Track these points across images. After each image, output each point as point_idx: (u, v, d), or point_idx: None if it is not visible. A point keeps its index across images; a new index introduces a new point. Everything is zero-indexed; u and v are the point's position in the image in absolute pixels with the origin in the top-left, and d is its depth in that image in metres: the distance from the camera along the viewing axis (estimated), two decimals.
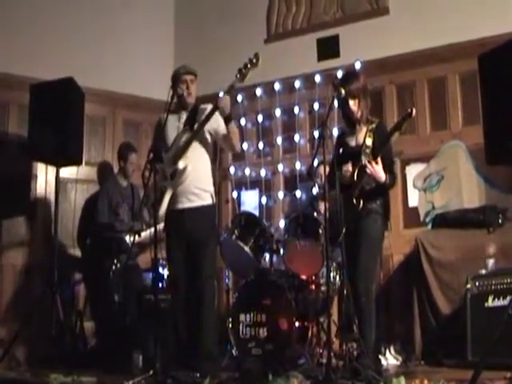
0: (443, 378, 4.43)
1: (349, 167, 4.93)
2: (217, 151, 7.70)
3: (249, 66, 5.07)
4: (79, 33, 7.46)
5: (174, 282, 5.20)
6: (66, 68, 6.49)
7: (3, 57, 6.92)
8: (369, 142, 4.89)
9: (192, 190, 5.10)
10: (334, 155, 5.03)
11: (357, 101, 4.98)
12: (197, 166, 5.12)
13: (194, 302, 5.01)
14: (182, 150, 5.09)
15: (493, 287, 5.28)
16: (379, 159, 4.77)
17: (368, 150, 4.84)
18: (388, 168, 4.85)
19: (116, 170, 6.95)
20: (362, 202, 4.84)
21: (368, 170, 4.78)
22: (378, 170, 4.76)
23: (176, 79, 5.28)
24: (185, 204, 5.09)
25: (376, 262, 5.02)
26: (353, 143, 5.05)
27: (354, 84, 4.98)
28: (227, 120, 5.07)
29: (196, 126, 5.12)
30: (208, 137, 5.20)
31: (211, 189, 5.23)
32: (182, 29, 8.41)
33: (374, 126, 4.96)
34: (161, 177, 5.07)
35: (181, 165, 5.08)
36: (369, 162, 4.78)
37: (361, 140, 4.96)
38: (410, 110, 4.63)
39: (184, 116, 5.25)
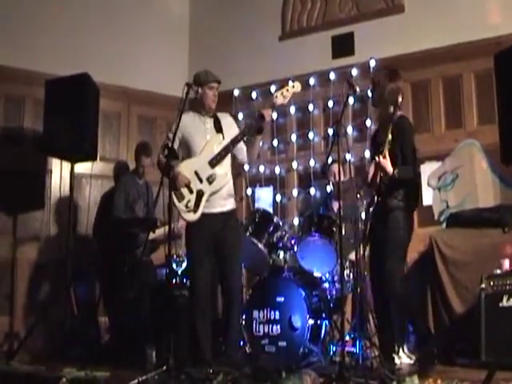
0: (457, 378, 4.39)
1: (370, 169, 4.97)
2: None
3: (288, 89, 5.19)
4: (94, 29, 7.49)
5: (199, 283, 5.14)
6: (81, 64, 6.50)
7: (18, 52, 6.94)
8: (389, 137, 4.88)
9: (224, 195, 5.20)
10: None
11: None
12: (227, 172, 5.22)
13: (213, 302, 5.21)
14: (221, 156, 5.13)
15: (507, 287, 5.21)
16: (386, 153, 4.77)
17: (388, 146, 4.84)
18: (402, 161, 4.84)
19: (131, 166, 6.98)
20: (379, 197, 4.89)
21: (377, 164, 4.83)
22: (383, 163, 4.77)
23: (203, 83, 5.25)
24: (217, 208, 5.15)
25: (400, 261, 5.00)
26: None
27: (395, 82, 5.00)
28: (260, 131, 5.21)
29: (237, 134, 5.20)
30: None
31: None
32: (196, 26, 8.41)
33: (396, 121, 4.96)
34: (194, 179, 5.09)
35: (219, 171, 5.13)
36: (378, 156, 4.81)
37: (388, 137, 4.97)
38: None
39: (208, 121, 5.28)
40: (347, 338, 5.48)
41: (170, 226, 4.93)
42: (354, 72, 7.02)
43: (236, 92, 7.76)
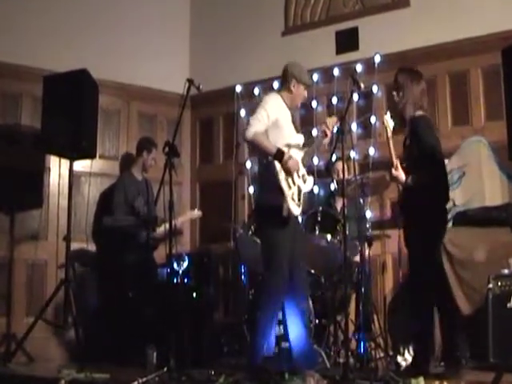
0: (463, 380, 4.35)
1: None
2: (233, 146, 7.64)
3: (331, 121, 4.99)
4: (93, 24, 7.42)
5: (284, 279, 4.77)
6: (80, 60, 6.43)
7: (16, 48, 6.87)
8: (408, 142, 4.85)
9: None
10: None
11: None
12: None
13: None
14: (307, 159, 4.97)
15: None
16: (397, 163, 4.73)
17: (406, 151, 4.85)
18: (421, 163, 4.73)
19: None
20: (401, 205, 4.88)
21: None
22: (395, 175, 4.74)
23: (301, 80, 5.00)
24: (299, 212, 4.85)
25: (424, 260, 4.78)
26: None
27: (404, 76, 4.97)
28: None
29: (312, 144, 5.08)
30: None
31: None
32: (197, 21, 8.35)
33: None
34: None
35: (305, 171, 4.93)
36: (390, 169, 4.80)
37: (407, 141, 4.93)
38: None
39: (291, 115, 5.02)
40: (351, 338, 5.42)
41: (171, 224, 4.88)
42: (359, 68, 6.94)
43: (238, 88, 7.67)
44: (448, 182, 4.92)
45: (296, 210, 4.73)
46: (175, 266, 6.11)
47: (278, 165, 4.65)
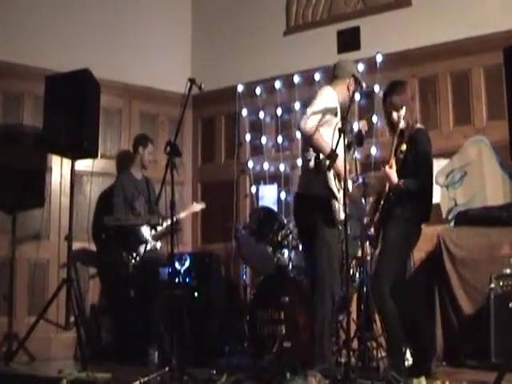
0: (465, 380, 4.36)
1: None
2: (235, 145, 7.64)
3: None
4: (95, 24, 7.40)
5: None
6: (82, 59, 6.43)
7: (17, 48, 6.86)
8: (403, 147, 4.74)
9: None
10: None
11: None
12: None
13: None
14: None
15: None
16: (393, 163, 4.65)
17: (401, 155, 4.73)
18: (413, 172, 4.71)
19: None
20: (384, 204, 4.76)
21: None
22: (388, 173, 4.65)
23: (354, 76, 4.96)
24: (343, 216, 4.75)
25: (390, 265, 4.76)
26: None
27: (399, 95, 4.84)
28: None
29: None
30: None
31: None
32: (199, 21, 8.34)
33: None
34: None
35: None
36: (384, 165, 4.72)
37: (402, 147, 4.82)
38: None
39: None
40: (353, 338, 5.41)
41: (173, 224, 4.88)
42: (360, 67, 6.89)
43: (240, 88, 7.67)
44: (432, 197, 4.89)
45: (341, 214, 4.67)
46: (177, 265, 6.12)
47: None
